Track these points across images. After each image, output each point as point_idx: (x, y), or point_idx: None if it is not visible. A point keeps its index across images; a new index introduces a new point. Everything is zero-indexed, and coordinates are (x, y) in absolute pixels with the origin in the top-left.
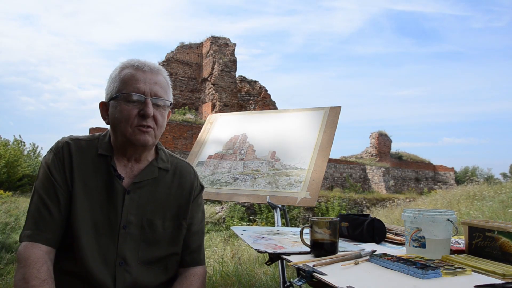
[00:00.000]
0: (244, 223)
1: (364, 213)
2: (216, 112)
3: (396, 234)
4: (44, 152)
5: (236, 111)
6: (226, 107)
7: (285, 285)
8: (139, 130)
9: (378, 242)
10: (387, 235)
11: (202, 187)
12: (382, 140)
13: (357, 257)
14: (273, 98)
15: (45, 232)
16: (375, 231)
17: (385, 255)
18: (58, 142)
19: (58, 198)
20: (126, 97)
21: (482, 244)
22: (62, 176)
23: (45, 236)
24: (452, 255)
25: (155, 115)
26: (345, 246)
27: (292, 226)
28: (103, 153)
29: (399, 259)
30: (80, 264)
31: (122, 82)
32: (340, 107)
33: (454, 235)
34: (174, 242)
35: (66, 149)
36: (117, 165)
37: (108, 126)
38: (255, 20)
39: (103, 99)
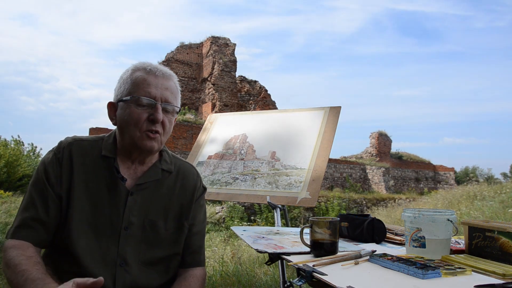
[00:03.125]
0: (244, 223)
1: (364, 213)
2: (216, 112)
3: (396, 234)
4: (43, 152)
5: (236, 111)
6: (226, 107)
7: (285, 285)
8: (147, 136)
9: (378, 242)
10: (387, 235)
11: (204, 189)
12: (382, 140)
13: (357, 257)
14: (273, 98)
15: (30, 231)
16: (375, 231)
17: (385, 255)
18: (60, 143)
19: (47, 200)
20: (137, 100)
21: (482, 244)
22: (58, 177)
23: (29, 234)
24: (452, 255)
25: (163, 121)
26: (345, 246)
27: (292, 226)
28: (106, 155)
29: (399, 259)
30: (79, 264)
31: (134, 85)
32: (340, 107)
33: (454, 235)
34: (176, 243)
35: (67, 150)
36: (120, 166)
37: (113, 127)
38: (256, 19)
39: (103, 99)
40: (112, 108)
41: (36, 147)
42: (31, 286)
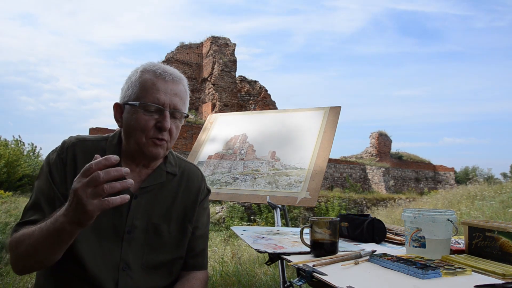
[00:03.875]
0: (244, 223)
1: (364, 213)
2: (216, 112)
3: (396, 234)
4: (43, 152)
5: (236, 111)
6: (226, 107)
7: (285, 285)
8: (154, 142)
9: (378, 242)
10: (387, 235)
11: (208, 191)
12: (382, 140)
13: (357, 257)
14: (273, 98)
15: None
16: (375, 231)
17: (385, 255)
18: (64, 142)
19: (53, 201)
20: (145, 106)
21: (482, 244)
22: (62, 178)
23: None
24: (452, 255)
25: (170, 128)
26: (345, 246)
27: (292, 226)
28: None
29: (399, 259)
30: (82, 267)
31: (142, 89)
32: (340, 107)
33: (454, 235)
34: (179, 246)
35: (70, 150)
36: None
37: (114, 127)
38: (256, 19)
39: (103, 99)
40: (118, 109)
41: (36, 147)
42: (45, 226)
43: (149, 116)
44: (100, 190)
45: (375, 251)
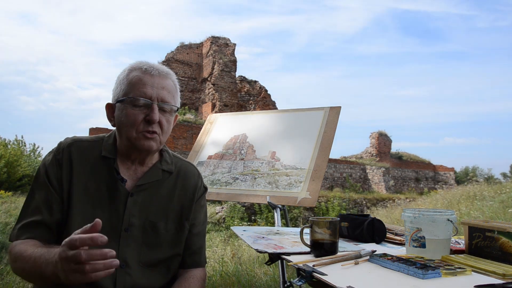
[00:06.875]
0: (244, 223)
1: (364, 213)
2: (216, 112)
3: (396, 234)
4: (44, 152)
5: (236, 111)
6: (226, 107)
7: (285, 285)
8: (144, 136)
9: (378, 242)
10: (387, 235)
11: (205, 189)
12: (382, 140)
13: (357, 257)
14: (274, 98)
15: (35, 233)
16: (375, 231)
17: (385, 255)
18: (60, 143)
19: (50, 202)
20: (133, 101)
21: (482, 244)
22: (59, 179)
23: (35, 235)
24: (452, 255)
25: (160, 121)
26: (345, 246)
27: (292, 226)
28: (106, 155)
29: (399, 259)
30: None
31: (130, 85)
32: (340, 107)
33: (454, 235)
34: (176, 244)
35: (66, 151)
36: (120, 167)
37: (113, 128)
38: (258, 19)
39: (103, 99)
40: (110, 109)
41: (38, 147)
42: (39, 261)
43: (138, 111)
44: (82, 268)
45: (375, 251)
